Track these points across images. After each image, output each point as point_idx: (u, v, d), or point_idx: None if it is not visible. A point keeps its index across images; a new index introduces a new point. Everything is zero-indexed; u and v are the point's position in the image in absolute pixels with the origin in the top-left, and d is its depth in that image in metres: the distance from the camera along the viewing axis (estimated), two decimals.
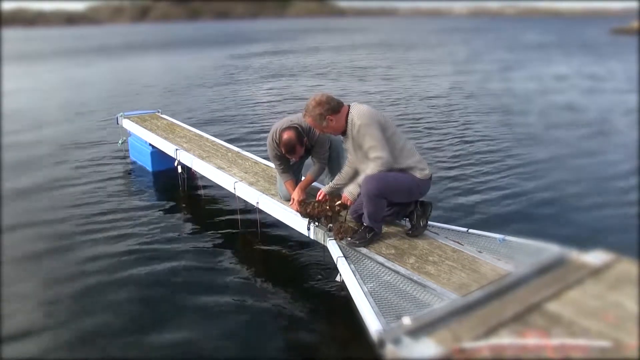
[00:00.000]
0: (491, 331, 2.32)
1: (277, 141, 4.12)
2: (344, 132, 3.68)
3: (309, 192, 4.34)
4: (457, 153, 7.95)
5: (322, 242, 3.84)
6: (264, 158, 5.47)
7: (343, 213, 3.86)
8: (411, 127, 9.72)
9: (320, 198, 3.87)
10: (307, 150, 4.30)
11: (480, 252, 3.46)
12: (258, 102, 12.73)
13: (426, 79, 16.81)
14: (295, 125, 4.07)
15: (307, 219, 3.91)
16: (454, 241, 3.65)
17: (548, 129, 9.78)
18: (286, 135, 4.03)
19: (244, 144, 7.67)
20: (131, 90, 15.32)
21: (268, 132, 4.32)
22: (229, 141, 6.69)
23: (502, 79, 16.98)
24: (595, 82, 16.19)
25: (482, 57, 24.86)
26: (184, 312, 3.80)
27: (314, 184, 4.46)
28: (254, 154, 5.86)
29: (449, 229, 3.92)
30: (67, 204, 5.90)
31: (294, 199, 4.17)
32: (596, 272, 2.81)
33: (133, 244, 4.88)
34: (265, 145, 4.44)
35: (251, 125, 10.03)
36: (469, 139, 8.79)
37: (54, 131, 9.74)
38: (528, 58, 24.06)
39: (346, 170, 3.91)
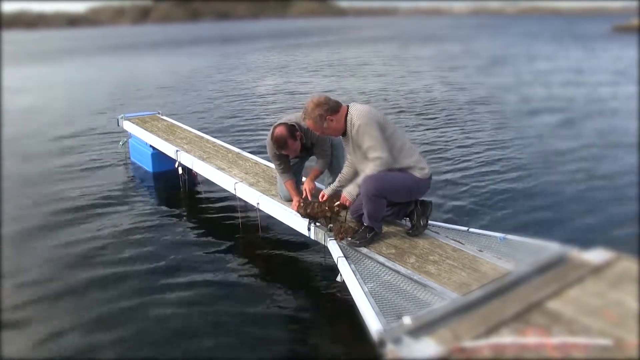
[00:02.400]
0: (492, 330, 2.32)
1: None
2: (343, 133, 3.68)
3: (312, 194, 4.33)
4: (457, 151, 7.94)
5: (323, 242, 3.84)
6: (265, 159, 5.47)
7: (343, 213, 3.86)
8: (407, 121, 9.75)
9: (323, 200, 3.87)
10: (307, 149, 4.29)
11: (480, 251, 3.46)
12: (258, 101, 12.74)
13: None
14: (286, 122, 4.07)
15: (307, 220, 3.91)
16: (454, 240, 3.65)
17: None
18: (277, 131, 4.03)
19: (242, 143, 7.69)
20: (132, 91, 15.34)
21: (268, 131, 4.32)
22: (228, 141, 6.69)
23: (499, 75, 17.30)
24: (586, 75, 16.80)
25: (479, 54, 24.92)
26: (182, 312, 3.79)
27: (317, 184, 4.45)
28: (254, 155, 5.86)
29: (449, 228, 3.92)
30: (68, 206, 5.90)
31: (305, 189, 4.15)
32: (597, 270, 2.80)
33: (133, 245, 4.88)
34: (265, 145, 4.43)
35: (252, 125, 10.04)
36: (467, 137, 8.80)
37: (54, 132, 9.74)
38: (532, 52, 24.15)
39: (346, 170, 3.90)
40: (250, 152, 5.97)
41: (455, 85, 14.83)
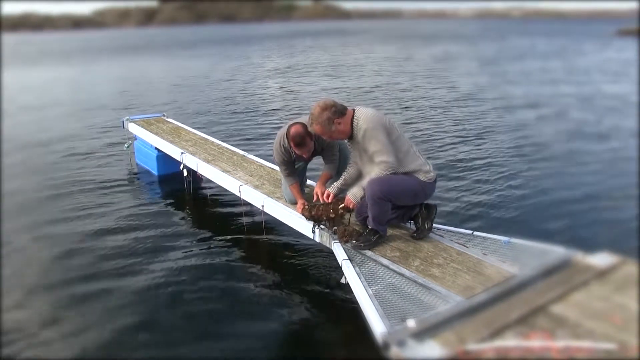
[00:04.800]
0: (496, 333, 2.32)
1: (287, 140, 4.05)
2: (350, 137, 3.67)
3: (309, 194, 4.34)
4: (462, 154, 7.94)
5: (327, 245, 3.85)
6: (269, 161, 5.48)
7: (347, 216, 3.86)
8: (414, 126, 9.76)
9: (329, 199, 3.87)
10: (316, 152, 4.29)
11: (485, 254, 3.46)
12: (262, 103, 12.78)
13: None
14: (302, 122, 4.04)
15: (312, 222, 3.91)
16: (458, 244, 3.65)
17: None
18: (294, 129, 3.95)
19: (247, 145, 7.71)
20: (137, 93, 15.40)
21: (272, 132, 4.31)
22: (232, 143, 6.71)
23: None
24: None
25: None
26: (188, 314, 3.82)
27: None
28: (259, 157, 5.87)
29: (453, 232, 3.92)
30: (73, 208, 5.93)
31: (317, 193, 4.06)
32: (601, 274, 2.80)
33: (139, 248, 4.90)
34: (270, 148, 4.43)
35: (257, 127, 10.06)
36: (472, 140, 8.80)
37: (60, 134, 9.80)
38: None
39: (351, 170, 3.90)
40: (254, 155, 5.98)
41: (456, 86, 15.00)
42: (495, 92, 14.32)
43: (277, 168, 4.94)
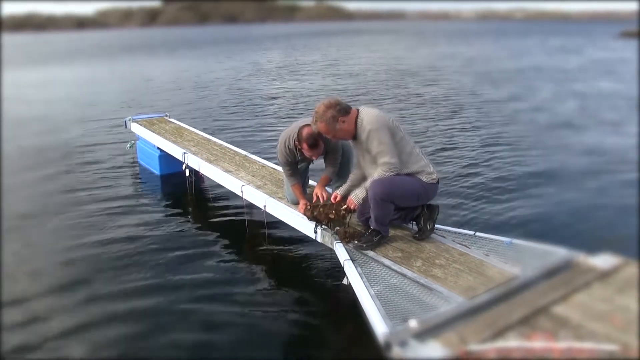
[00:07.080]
0: (498, 334, 2.32)
1: (295, 142, 4.05)
2: (354, 137, 3.67)
3: (311, 195, 4.32)
4: (465, 156, 7.94)
5: (329, 245, 3.84)
6: (271, 161, 5.48)
7: (348, 216, 3.85)
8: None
9: (335, 201, 3.86)
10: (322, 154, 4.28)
11: (487, 255, 3.45)
12: (264, 103, 12.80)
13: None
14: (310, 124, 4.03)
15: (314, 222, 3.91)
16: (461, 244, 3.65)
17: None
18: (307, 131, 3.93)
19: (249, 146, 7.71)
20: (140, 93, 15.42)
21: (274, 132, 4.31)
22: (236, 144, 6.71)
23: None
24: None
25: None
26: (190, 314, 3.82)
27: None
28: (261, 157, 5.88)
29: (456, 232, 3.91)
30: (75, 208, 5.94)
31: (317, 195, 4.09)
32: (604, 275, 2.80)
33: (141, 247, 4.90)
34: (272, 149, 4.42)
35: (259, 127, 10.07)
36: (474, 141, 8.79)
37: (63, 134, 9.81)
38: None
39: (357, 172, 3.90)
40: (257, 155, 5.99)
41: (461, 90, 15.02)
42: (496, 91, 14.51)
43: (279, 168, 4.95)
